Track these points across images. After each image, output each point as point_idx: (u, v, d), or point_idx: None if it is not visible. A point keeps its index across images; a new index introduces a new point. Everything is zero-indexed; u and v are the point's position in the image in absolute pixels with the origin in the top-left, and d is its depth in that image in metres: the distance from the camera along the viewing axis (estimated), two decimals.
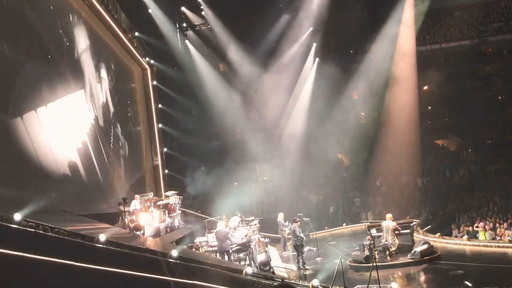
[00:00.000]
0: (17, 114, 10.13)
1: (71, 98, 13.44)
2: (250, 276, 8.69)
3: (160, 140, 22.75)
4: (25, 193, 9.46)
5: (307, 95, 25.54)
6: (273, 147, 24.85)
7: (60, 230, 6.37)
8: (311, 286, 9.34)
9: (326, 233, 21.37)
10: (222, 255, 12.62)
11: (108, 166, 16.14)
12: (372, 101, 26.23)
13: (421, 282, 11.24)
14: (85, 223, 9.86)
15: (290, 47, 24.96)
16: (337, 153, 27.35)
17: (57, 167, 11.64)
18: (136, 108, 21.53)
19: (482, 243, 14.40)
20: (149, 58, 22.65)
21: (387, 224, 13.70)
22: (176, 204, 15.98)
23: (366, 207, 23.84)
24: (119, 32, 18.39)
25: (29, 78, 11.02)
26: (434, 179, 25.27)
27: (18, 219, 5.91)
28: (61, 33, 13.51)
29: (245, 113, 23.96)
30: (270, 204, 22.96)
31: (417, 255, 12.70)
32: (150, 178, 21.19)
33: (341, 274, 9.25)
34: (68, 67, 13.63)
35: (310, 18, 25.08)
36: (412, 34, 26.01)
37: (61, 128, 12.37)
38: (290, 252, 16.13)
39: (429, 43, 29.99)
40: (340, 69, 23.16)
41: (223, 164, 23.21)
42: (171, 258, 7.55)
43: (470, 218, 18.32)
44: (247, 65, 23.88)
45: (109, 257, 6.16)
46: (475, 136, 27.28)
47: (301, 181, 24.58)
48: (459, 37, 29.98)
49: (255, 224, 16.74)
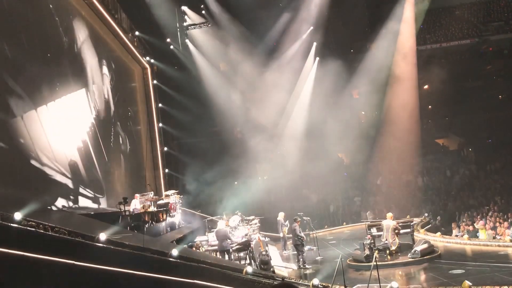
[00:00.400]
0: (18, 114, 10.14)
1: (71, 98, 13.45)
2: (251, 275, 8.70)
3: (161, 140, 22.74)
4: (25, 192, 9.46)
5: (308, 94, 25.53)
6: (274, 146, 24.83)
7: (60, 229, 6.38)
8: (312, 285, 9.35)
9: (326, 232, 21.38)
10: (222, 254, 12.63)
11: (108, 165, 16.15)
12: (372, 100, 26.23)
13: (421, 281, 11.23)
14: (85, 222, 9.87)
15: (290, 46, 24.93)
16: (338, 152, 27.36)
17: (57, 166, 11.65)
18: (136, 107, 21.53)
19: (483, 242, 14.39)
20: (149, 58, 22.64)
21: (387, 223, 13.71)
22: (176, 203, 16.00)
23: (367, 206, 23.85)
24: (120, 31, 18.38)
25: (30, 77, 11.04)
26: (434, 178, 25.29)
27: (19, 218, 5.92)
28: (61, 32, 13.51)
29: (245, 112, 23.94)
30: (270, 203, 22.95)
31: (417, 254, 12.69)
32: (150, 178, 21.19)
33: (341, 273, 9.25)
34: (68, 66, 13.64)
35: (310, 17, 25.06)
36: (412, 33, 25.99)
37: (62, 127, 12.37)
38: (291, 251, 16.14)
39: (429, 42, 29.96)
40: (340, 68, 23.14)
41: (224, 164, 23.21)
42: (172, 257, 7.55)
43: (471, 217, 18.33)
44: (247, 64, 23.86)
45: (109, 256, 6.16)
46: (476, 135, 27.29)
47: (301, 180, 24.57)
48: (459, 36, 29.96)
49: (255, 223, 16.76)
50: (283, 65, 24.65)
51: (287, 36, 24.51)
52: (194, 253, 11.54)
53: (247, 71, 23.83)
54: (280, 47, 24.78)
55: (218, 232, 12.67)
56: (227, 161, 23.24)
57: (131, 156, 19.23)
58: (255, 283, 8.41)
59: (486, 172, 24.32)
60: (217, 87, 23.70)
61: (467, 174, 24.69)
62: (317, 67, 25.48)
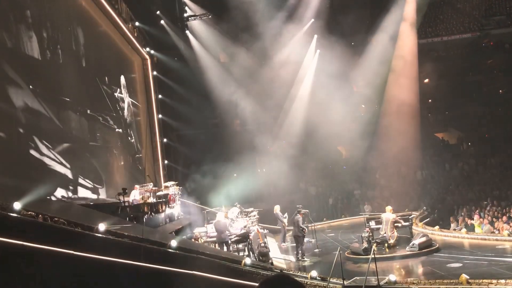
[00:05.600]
0: (17, 103, 10.10)
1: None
2: (249, 266, 8.73)
3: (160, 131, 22.72)
4: (24, 182, 9.46)
5: (308, 86, 25.48)
6: (273, 138, 24.81)
7: (59, 219, 6.39)
8: (310, 277, 9.40)
9: (325, 225, 21.45)
10: (221, 245, 12.68)
11: (108, 156, 16.14)
12: (372, 93, 26.18)
13: (419, 274, 11.28)
14: (84, 212, 9.88)
15: (291, 38, 24.82)
16: (337, 146, 27.35)
17: (57, 157, 11.63)
18: (136, 98, 21.48)
19: (480, 236, 14.44)
20: (149, 48, 22.55)
21: (387, 216, 13.74)
22: (175, 194, 16.02)
23: (365, 199, 23.90)
24: (119, 21, 18.28)
25: (28, 66, 10.98)
26: (433, 172, 25.31)
27: (18, 208, 5.92)
28: (60, 23, 13.44)
29: (245, 105, 23.88)
30: (269, 196, 22.98)
31: (415, 248, 12.74)
32: (149, 169, 21.19)
33: (340, 265, 9.28)
34: (66, 55, 13.56)
35: (311, 10, 24.94)
36: (413, 26, 25.88)
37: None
38: (289, 243, 16.20)
39: (430, 35, 29.84)
40: (341, 61, 23.05)
41: (223, 155, 23.21)
42: (171, 248, 7.58)
43: (469, 211, 18.38)
44: (247, 57, 23.78)
45: (108, 247, 6.17)
46: (475, 130, 27.29)
47: (300, 173, 24.59)
48: (460, 30, 29.84)
49: (254, 215, 16.80)
50: (284, 57, 24.55)
51: (288, 29, 24.37)
52: (193, 244, 11.58)
53: (247, 63, 23.75)
54: (281, 40, 24.65)
55: (217, 223, 12.71)
56: (227, 153, 23.24)
57: (130, 147, 19.22)
58: (253, 275, 8.44)
59: (485, 167, 24.34)
60: (217, 78, 23.64)
61: (466, 168, 24.72)
62: (318, 60, 25.40)
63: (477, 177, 23.43)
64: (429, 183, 24.34)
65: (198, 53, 23.77)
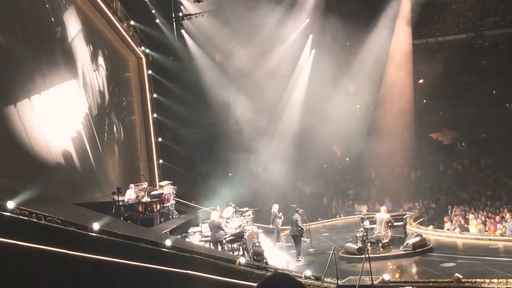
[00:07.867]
0: (11, 102, 10.06)
1: (65, 87, 13.35)
2: (244, 266, 8.73)
3: (155, 130, 22.67)
4: (18, 181, 9.41)
5: (303, 86, 25.49)
6: (268, 138, 24.80)
7: (53, 218, 6.36)
8: (304, 277, 9.42)
9: (320, 224, 21.48)
10: (215, 245, 12.66)
11: (102, 155, 16.09)
12: (367, 93, 26.22)
13: (413, 273, 11.33)
14: (78, 212, 9.85)
15: (286, 38, 24.83)
16: (332, 145, 27.39)
17: (51, 156, 11.60)
18: (131, 97, 21.42)
19: (474, 236, 14.53)
20: (144, 47, 22.49)
21: (381, 216, 13.79)
22: (170, 194, 15.99)
23: (360, 199, 23.96)
24: (114, 20, 18.22)
25: (23, 65, 10.94)
26: (427, 172, 25.41)
27: (11, 207, 5.89)
28: (54, 21, 13.38)
29: (240, 104, 23.86)
30: (264, 195, 22.97)
31: (409, 247, 12.80)
32: (144, 168, 21.14)
33: (334, 265, 9.30)
34: (61, 55, 13.52)
35: (307, 10, 24.95)
36: (408, 27, 25.97)
37: (55, 117, 12.29)
38: (284, 243, 16.21)
39: (425, 36, 29.92)
40: (336, 61, 23.08)
41: (218, 155, 23.17)
42: (165, 247, 7.56)
43: (463, 212, 18.47)
44: (243, 56, 23.75)
45: (102, 246, 6.15)
46: (469, 130, 27.42)
47: (295, 173, 24.58)
48: (455, 31, 29.91)
49: (249, 214, 16.79)
50: (279, 57, 24.56)
51: (283, 28, 24.38)
52: (187, 243, 11.56)
53: (243, 62, 23.71)
54: (276, 39, 24.65)
55: (211, 223, 12.69)
56: (222, 153, 23.21)
57: (125, 146, 19.17)
58: (248, 274, 8.44)
59: (479, 167, 24.47)
60: (212, 78, 23.61)
61: (460, 169, 24.83)
62: (313, 60, 25.42)
63: (471, 178, 23.55)
64: (423, 183, 24.44)
65: (193, 52, 23.73)
